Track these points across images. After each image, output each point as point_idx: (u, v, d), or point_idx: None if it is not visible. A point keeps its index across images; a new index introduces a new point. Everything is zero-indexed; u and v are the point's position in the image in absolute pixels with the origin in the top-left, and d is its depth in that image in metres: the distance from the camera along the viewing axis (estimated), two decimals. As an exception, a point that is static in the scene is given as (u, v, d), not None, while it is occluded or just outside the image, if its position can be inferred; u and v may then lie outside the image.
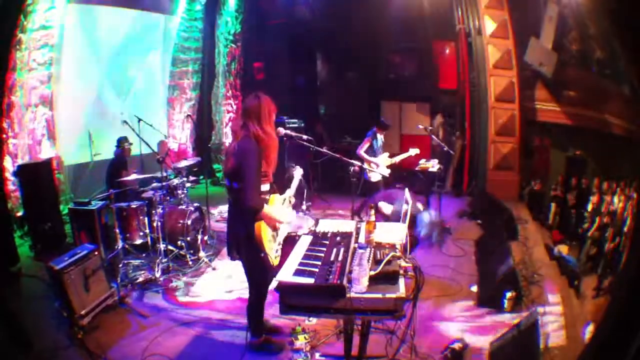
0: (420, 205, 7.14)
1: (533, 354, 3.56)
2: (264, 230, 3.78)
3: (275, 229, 4.01)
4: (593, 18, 5.91)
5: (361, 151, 7.60)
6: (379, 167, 7.61)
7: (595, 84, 6.26)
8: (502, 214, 7.28)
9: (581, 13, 6.43)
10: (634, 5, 2.73)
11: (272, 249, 3.91)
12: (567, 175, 7.05)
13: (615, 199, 5.30)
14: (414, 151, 7.72)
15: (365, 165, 7.39)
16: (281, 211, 4.05)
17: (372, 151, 7.67)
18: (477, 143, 9.77)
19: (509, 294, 4.99)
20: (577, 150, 7.09)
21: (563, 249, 6.04)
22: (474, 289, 5.52)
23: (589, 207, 5.96)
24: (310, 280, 2.94)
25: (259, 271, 4.01)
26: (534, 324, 3.86)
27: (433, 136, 8.76)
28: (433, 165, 7.80)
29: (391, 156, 7.76)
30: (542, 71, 8.09)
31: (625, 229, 4.82)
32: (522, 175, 9.11)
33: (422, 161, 7.94)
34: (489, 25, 8.99)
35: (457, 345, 4.13)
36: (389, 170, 7.60)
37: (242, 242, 3.92)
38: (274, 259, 3.92)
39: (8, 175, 7.08)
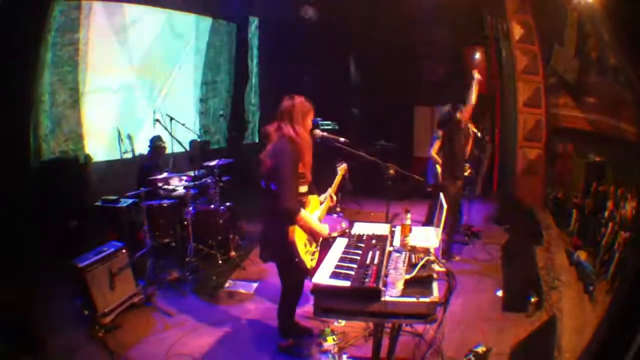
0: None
1: (548, 358, 3.58)
2: (298, 233, 3.78)
3: (313, 239, 4.03)
4: (606, 24, 5.90)
5: (433, 153, 7.31)
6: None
7: (612, 91, 6.25)
8: (528, 220, 7.26)
9: (596, 19, 6.42)
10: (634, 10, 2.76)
11: (308, 253, 3.91)
12: (587, 181, 7.03)
13: (628, 206, 5.29)
14: None
15: (437, 168, 7.21)
16: (319, 223, 4.03)
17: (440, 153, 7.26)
18: (505, 148, 9.73)
19: (532, 299, 5.01)
20: (597, 157, 7.06)
21: (582, 255, 6.02)
22: (500, 293, 5.53)
23: (605, 214, 5.94)
24: (346, 283, 2.94)
25: (292, 274, 4.03)
26: (551, 329, 3.89)
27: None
28: (465, 170, 7.71)
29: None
30: (565, 77, 8.07)
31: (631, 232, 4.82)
32: (547, 181, 9.10)
33: None
34: (516, 31, 8.99)
35: (480, 349, 4.14)
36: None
37: (277, 246, 3.91)
38: (310, 262, 3.91)
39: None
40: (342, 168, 4.59)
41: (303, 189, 3.95)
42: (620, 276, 4.58)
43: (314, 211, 4.12)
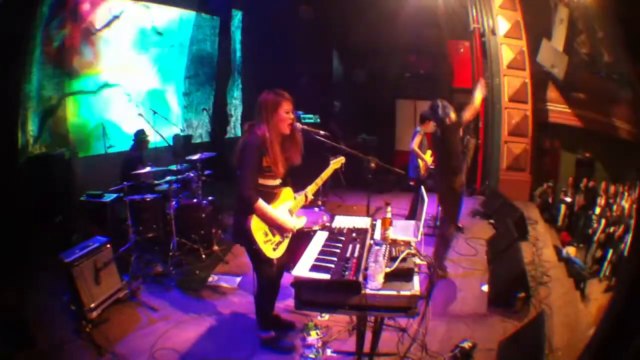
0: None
1: (538, 354, 3.57)
2: (256, 222, 3.83)
3: (277, 230, 4.03)
4: (601, 21, 5.91)
5: (414, 146, 7.25)
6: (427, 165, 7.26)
7: (604, 88, 6.25)
8: (514, 215, 7.27)
9: (589, 16, 6.42)
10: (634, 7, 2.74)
11: (269, 242, 3.93)
12: (577, 177, 7.04)
13: (623, 203, 5.30)
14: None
15: (419, 162, 7.23)
16: (281, 215, 4.01)
17: (422, 147, 7.35)
18: (490, 143, 9.78)
19: (519, 294, 5.00)
20: (586, 152, 7.07)
21: (571, 251, 6.03)
22: (485, 288, 5.52)
23: (596, 210, 5.95)
24: (326, 276, 2.93)
25: (258, 262, 4.05)
26: (540, 324, 3.88)
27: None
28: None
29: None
30: (553, 73, 8.08)
31: (630, 231, 4.81)
32: (533, 176, 9.12)
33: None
34: (503, 26, 9.00)
35: (466, 344, 4.13)
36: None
37: (236, 231, 4.02)
38: (272, 252, 3.94)
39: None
40: (337, 161, 4.48)
41: (273, 182, 4.02)
42: (616, 274, 4.59)
43: (285, 202, 4.11)
